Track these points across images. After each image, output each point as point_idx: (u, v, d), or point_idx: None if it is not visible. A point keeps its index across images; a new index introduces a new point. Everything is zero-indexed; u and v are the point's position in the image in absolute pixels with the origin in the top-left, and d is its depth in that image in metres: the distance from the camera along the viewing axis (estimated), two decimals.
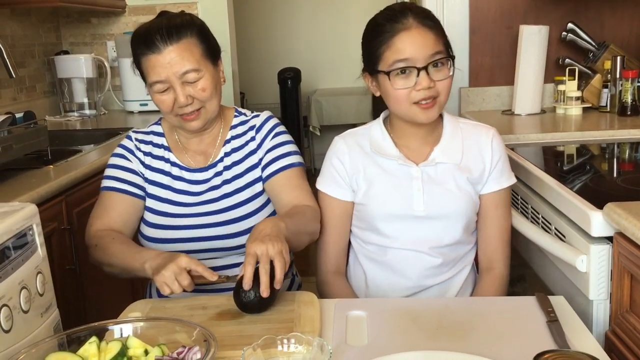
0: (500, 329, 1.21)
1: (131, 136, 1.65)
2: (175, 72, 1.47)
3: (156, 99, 1.51)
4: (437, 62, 1.41)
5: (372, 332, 1.22)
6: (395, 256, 1.54)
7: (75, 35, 3.61)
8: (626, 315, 1.31)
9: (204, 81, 1.49)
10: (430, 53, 1.40)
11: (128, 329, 1.13)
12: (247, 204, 1.58)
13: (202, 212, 1.58)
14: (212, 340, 1.03)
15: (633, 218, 1.24)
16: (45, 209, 1.75)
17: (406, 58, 1.40)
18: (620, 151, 2.18)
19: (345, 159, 1.55)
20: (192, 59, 1.48)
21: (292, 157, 1.60)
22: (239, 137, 1.63)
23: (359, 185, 1.54)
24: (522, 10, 2.83)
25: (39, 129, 2.08)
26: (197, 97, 1.50)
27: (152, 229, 1.59)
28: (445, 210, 1.50)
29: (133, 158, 1.62)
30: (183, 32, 1.48)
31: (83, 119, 3.28)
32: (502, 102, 2.89)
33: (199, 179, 1.61)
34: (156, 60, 1.47)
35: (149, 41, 1.47)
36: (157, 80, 1.48)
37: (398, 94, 1.42)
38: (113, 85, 3.53)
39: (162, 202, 1.60)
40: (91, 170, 2.10)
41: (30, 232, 1.27)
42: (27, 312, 1.20)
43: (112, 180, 1.60)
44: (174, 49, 1.46)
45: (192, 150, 1.63)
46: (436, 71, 1.41)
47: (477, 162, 1.51)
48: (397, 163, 1.51)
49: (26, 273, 1.23)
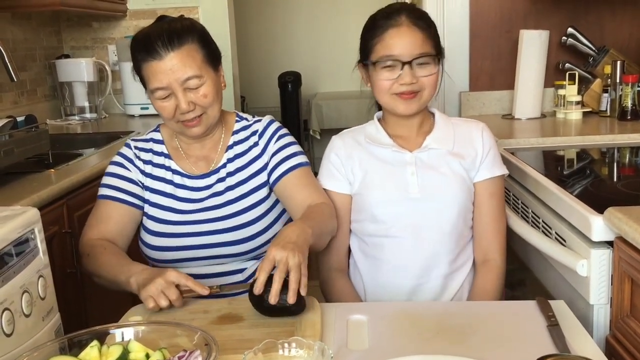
0: (500, 333, 1.22)
1: (130, 144, 1.63)
2: (177, 79, 1.46)
3: (157, 106, 1.51)
4: (423, 60, 1.48)
5: (373, 336, 1.23)
6: (392, 248, 1.55)
7: (76, 39, 3.61)
8: (627, 319, 1.31)
9: (205, 87, 1.49)
10: (417, 52, 1.48)
11: (129, 332, 1.13)
12: (252, 210, 1.58)
13: (205, 219, 1.57)
14: (213, 344, 1.03)
15: (634, 222, 1.24)
16: (46, 213, 1.75)
17: (393, 54, 1.48)
18: (620, 156, 2.19)
19: (341, 152, 1.60)
20: (194, 65, 1.47)
21: (299, 157, 1.60)
22: (241, 143, 1.63)
23: (355, 175, 1.58)
24: (522, 14, 2.83)
25: (41, 133, 2.08)
26: (198, 103, 1.49)
27: (154, 237, 1.58)
28: (439, 192, 1.53)
29: (132, 167, 1.61)
30: (184, 37, 1.47)
31: (84, 123, 3.29)
32: (502, 107, 2.90)
33: (200, 186, 1.60)
34: (157, 66, 1.45)
35: (149, 47, 1.45)
36: (158, 87, 1.47)
37: (382, 85, 1.51)
38: (114, 89, 3.53)
39: (164, 210, 1.59)
40: (92, 174, 2.10)
41: (32, 236, 1.27)
42: (28, 316, 1.20)
43: (109, 189, 1.59)
44: (176, 55, 1.45)
45: (194, 156, 1.62)
46: (421, 68, 1.49)
47: (469, 149, 1.56)
48: (391, 151, 1.56)
49: (28, 277, 1.23)
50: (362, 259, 1.62)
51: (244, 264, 1.60)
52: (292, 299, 1.22)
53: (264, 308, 1.26)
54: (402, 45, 1.48)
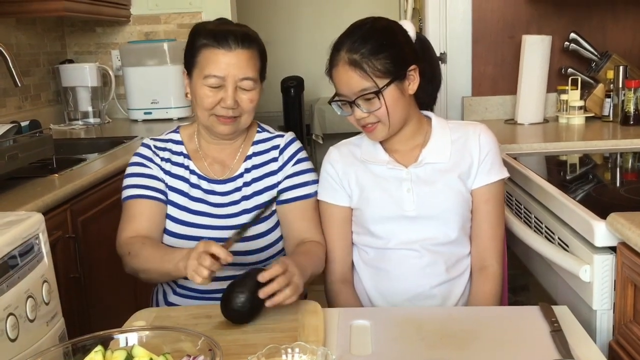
0: (503, 338, 1.22)
1: (149, 144, 1.64)
2: (236, 75, 1.50)
3: (201, 92, 1.51)
4: (365, 97, 1.47)
5: (376, 341, 1.23)
6: (392, 259, 1.54)
7: (80, 44, 3.62)
8: (630, 325, 1.31)
9: (254, 93, 1.54)
10: (355, 91, 1.47)
11: (133, 337, 1.13)
12: (264, 222, 1.59)
13: (221, 226, 1.58)
14: (217, 350, 1.03)
15: (637, 228, 1.24)
16: (50, 218, 1.76)
17: (341, 93, 1.51)
18: (623, 161, 2.19)
19: (338, 165, 1.60)
20: (255, 69, 1.53)
21: (310, 187, 1.62)
22: (260, 155, 1.64)
23: (352, 190, 1.58)
24: (524, 20, 2.84)
25: (44, 138, 2.09)
26: (242, 105, 1.53)
27: (170, 237, 1.59)
28: (435, 210, 1.52)
29: (152, 165, 1.61)
30: (253, 42, 1.54)
31: (87, 128, 3.29)
32: (505, 112, 2.90)
33: (216, 190, 1.61)
34: (223, 56, 1.49)
35: (220, 37, 1.50)
36: (215, 75, 1.50)
37: (344, 117, 1.54)
38: (117, 94, 3.54)
39: (180, 209, 1.59)
40: (96, 179, 2.11)
41: (37, 242, 1.28)
42: (33, 320, 1.21)
43: (133, 189, 1.59)
44: (243, 53, 1.50)
45: (211, 157, 1.63)
46: (367, 103, 1.48)
47: (466, 157, 1.54)
48: (387, 168, 1.55)
49: (32, 282, 1.23)
50: (362, 267, 1.61)
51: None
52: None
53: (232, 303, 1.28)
54: (343, 87, 1.51)
